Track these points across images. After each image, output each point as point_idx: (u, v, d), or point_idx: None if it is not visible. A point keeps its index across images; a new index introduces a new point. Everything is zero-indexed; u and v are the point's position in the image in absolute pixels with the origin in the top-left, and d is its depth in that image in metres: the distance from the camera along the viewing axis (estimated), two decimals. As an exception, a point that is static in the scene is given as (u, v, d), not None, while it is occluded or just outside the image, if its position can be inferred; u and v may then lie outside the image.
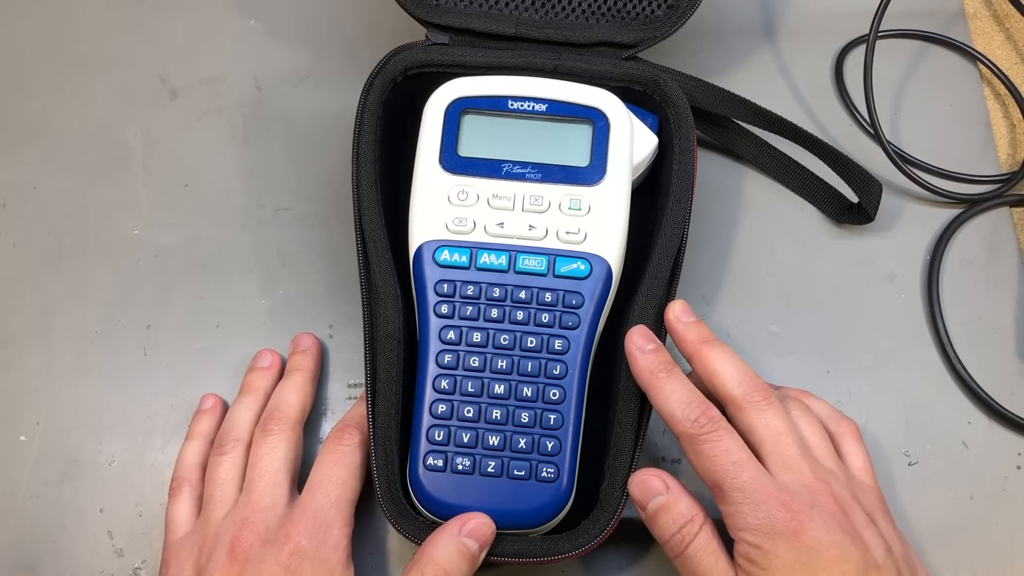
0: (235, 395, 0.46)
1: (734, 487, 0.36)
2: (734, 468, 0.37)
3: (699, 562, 0.37)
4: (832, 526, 0.36)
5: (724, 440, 0.37)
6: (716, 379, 0.39)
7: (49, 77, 0.55)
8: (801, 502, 0.36)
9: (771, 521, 0.35)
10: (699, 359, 0.40)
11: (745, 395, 0.38)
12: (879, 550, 0.36)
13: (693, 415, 0.38)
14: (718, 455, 0.37)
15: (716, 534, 0.38)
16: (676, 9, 0.47)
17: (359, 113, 0.45)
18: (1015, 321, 0.50)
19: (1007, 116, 0.56)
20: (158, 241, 0.51)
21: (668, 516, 0.38)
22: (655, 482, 0.39)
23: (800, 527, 0.35)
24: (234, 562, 0.38)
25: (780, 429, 0.38)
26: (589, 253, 0.41)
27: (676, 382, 0.39)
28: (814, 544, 0.35)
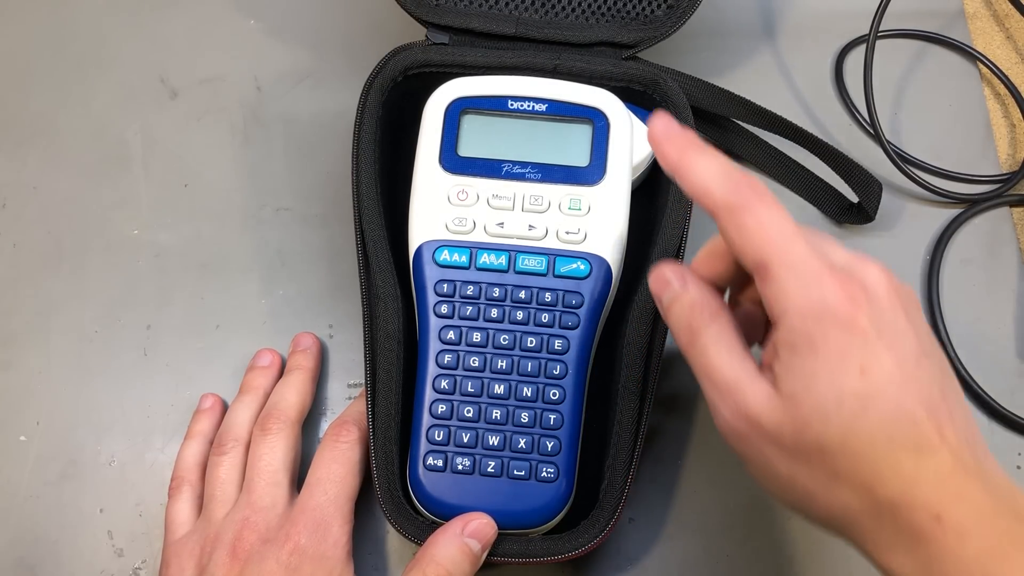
0: (235, 395, 0.46)
1: (783, 263, 0.31)
2: (784, 240, 0.31)
3: (711, 350, 0.33)
4: (886, 308, 0.31)
5: (773, 209, 0.32)
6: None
7: (49, 77, 0.55)
8: (857, 284, 0.31)
9: (825, 301, 0.30)
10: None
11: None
12: (926, 338, 0.32)
13: (734, 183, 0.32)
14: (764, 225, 0.32)
15: (733, 328, 0.33)
16: (676, 9, 0.47)
17: (359, 113, 0.45)
18: (1015, 321, 0.49)
19: (1007, 116, 0.56)
20: (158, 241, 0.51)
21: (681, 305, 0.34)
22: (670, 274, 0.35)
23: (856, 310, 0.30)
24: (235, 561, 0.38)
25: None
26: (589, 253, 0.41)
27: (711, 154, 0.33)
28: (869, 328, 0.30)
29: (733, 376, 0.32)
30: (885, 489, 0.30)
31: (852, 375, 0.30)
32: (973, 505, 0.29)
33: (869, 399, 0.30)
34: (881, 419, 0.30)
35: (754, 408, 0.31)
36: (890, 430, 0.30)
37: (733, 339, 0.33)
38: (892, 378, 0.30)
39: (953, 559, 0.29)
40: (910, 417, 0.30)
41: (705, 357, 0.33)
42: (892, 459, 0.30)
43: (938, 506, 0.29)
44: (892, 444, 0.30)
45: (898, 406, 0.30)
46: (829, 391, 0.30)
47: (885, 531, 0.30)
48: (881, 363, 0.30)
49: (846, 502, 0.31)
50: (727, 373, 0.32)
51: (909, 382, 0.31)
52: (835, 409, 0.30)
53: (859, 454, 0.30)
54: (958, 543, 0.29)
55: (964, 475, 0.30)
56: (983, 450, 0.32)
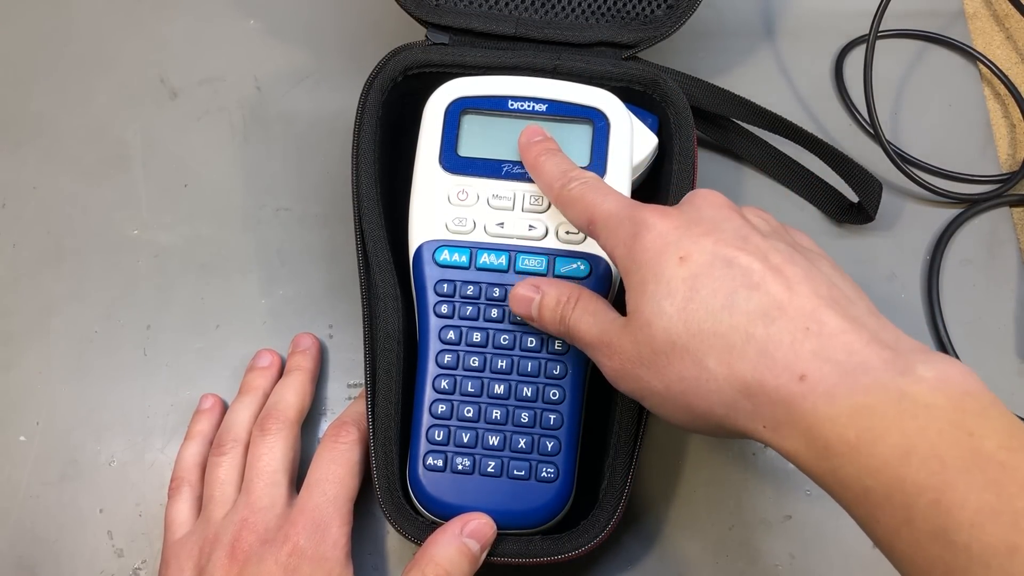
0: (235, 395, 0.46)
1: (602, 212, 0.35)
2: (600, 198, 0.36)
3: (579, 327, 0.36)
4: (703, 206, 0.34)
5: (593, 183, 0.37)
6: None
7: (49, 77, 0.55)
8: (670, 207, 0.35)
9: (635, 219, 0.34)
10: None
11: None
12: (766, 228, 0.34)
13: (567, 177, 0.38)
14: (587, 194, 0.36)
15: (594, 298, 0.37)
16: (676, 9, 0.47)
17: (359, 113, 0.45)
18: (1015, 321, 0.49)
19: (1007, 116, 0.56)
20: (158, 241, 0.51)
21: (547, 306, 0.37)
22: (523, 290, 0.38)
23: (665, 213, 0.33)
24: (234, 562, 0.38)
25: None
26: (589, 253, 0.41)
27: (557, 158, 0.40)
28: (681, 224, 0.33)
29: (598, 330, 0.35)
30: (744, 362, 0.30)
31: (673, 265, 0.32)
32: (835, 363, 0.29)
33: (695, 280, 0.31)
34: (714, 294, 0.31)
35: (616, 342, 0.34)
36: (727, 300, 0.30)
37: (596, 305, 0.36)
38: (716, 255, 0.31)
39: (828, 420, 0.28)
40: (746, 283, 0.30)
41: (576, 330, 0.36)
42: (739, 329, 0.30)
43: (800, 365, 0.29)
44: (734, 313, 0.30)
45: (728, 277, 0.31)
46: (658, 287, 0.32)
47: (763, 409, 0.30)
48: (699, 246, 0.32)
49: (718, 390, 0.31)
50: (594, 331, 0.35)
51: (736, 254, 0.31)
52: (668, 301, 0.31)
53: (706, 333, 0.30)
54: (828, 402, 0.28)
55: (822, 335, 0.29)
56: (866, 312, 0.31)
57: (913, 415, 0.27)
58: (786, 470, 0.46)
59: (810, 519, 0.45)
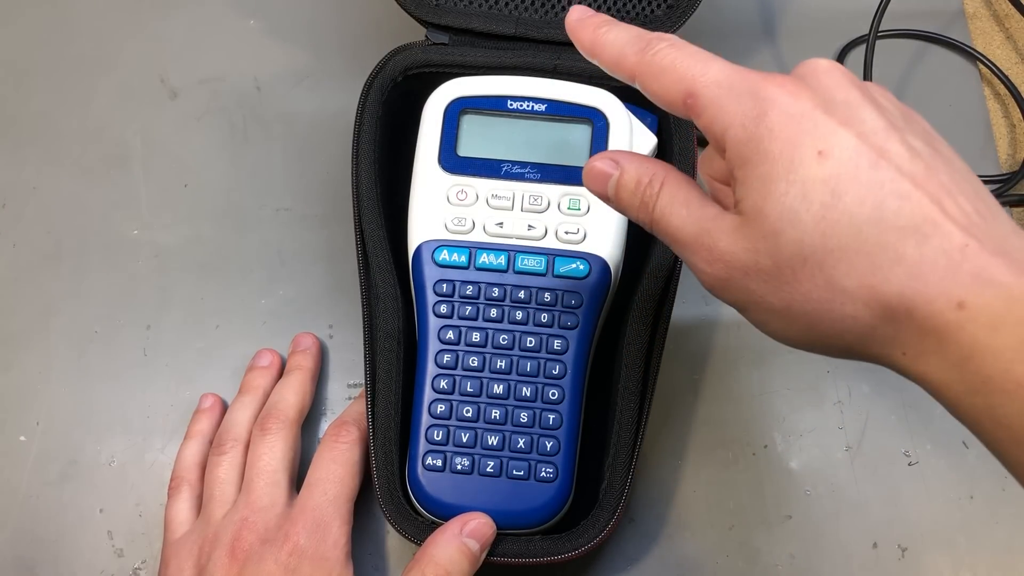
0: (235, 395, 0.46)
1: (707, 81, 0.29)
2: (699, 64, 0.29)
3: (671, 214, 0.31)
4: (835, 89, 0.28)
5: (684, 47, 0.30)
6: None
7: (49, 77, 0.55)
8: (792, 75, 0.29)
9: (758, 92, 0.28)
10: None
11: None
12: (897, 116, 0.29)
13: (643, 41, 0.31)
14: (678, 60, 0.30)
15: (685, 184, 0.31)
16: (676, 9, 0.47)
17: (359, 113, 0.45)
18: (1015, 321, 0.49)
19: (1007, 116, 0.56)
20: (158, 241, 0.51)
21: (626, 187, 0.32)
22: (602, 164, 0.33)
23: (796, 90, 0.28)
24: (234, 562, 0.38)
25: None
26: (588, 253, 0.41)
27: (621, 27, 0.32)
28: (816, 106, 0.28)
29: (696, 227, 0.30)
30: (890, 285, 0.26)
31: (810, 163, 0.27)
32: (1001, 286, 0.25)
33: (838, 182, 0.26)
34: (859, 202, 0.26)
35: (724, 246, 0.29)
36: (874, 212, 0.26)
37: (688, 192, 0.31)
38: (859, 152, 0.27)
39: (990, 353, 0.24)
40: (896, 191, 0.26)
41: (665, 223, 0.31)
42: (887, 247, 0.26)
43: (958, 291, 0.25)
44: (882, 228, 0.26)
45: (876, 182, 0.26)
46: (790, 188, 0.27)
47: (907, 336, 0.26)
48: (840, 140, 0.27)
49: (853, 315, 0.27)
50: (690, 227, 0.30)
51: (882, 154, 0.27)
52: (803, 206, 0.27)
53: (847, 250, 0.26)
54: (990, 333, 0.24)
55: (982, 251, 0.25)
56: (1006, 224, 0.27)
57: None
58: (786, 470, 0.46)
59: (810, 519, 0.45)
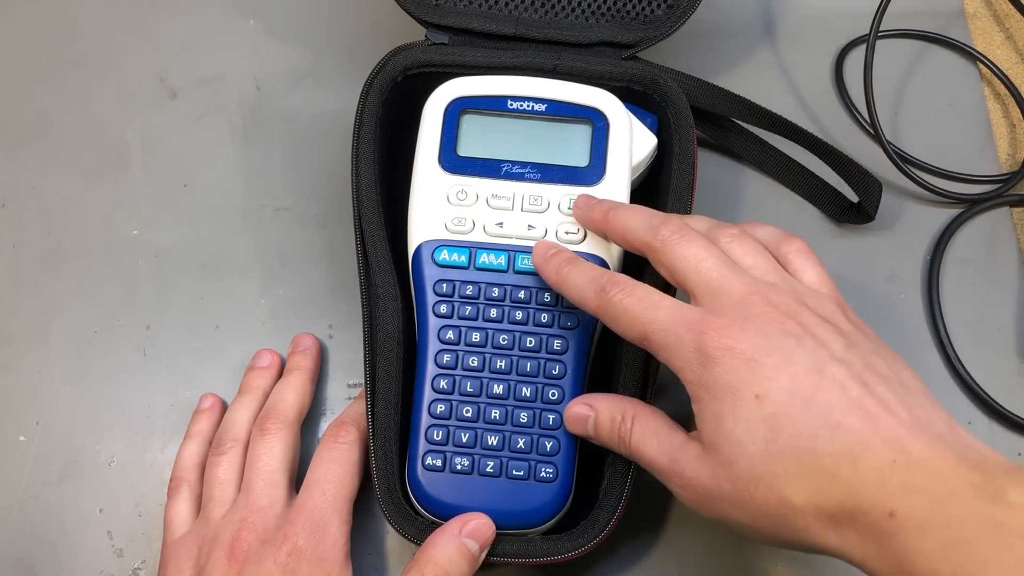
0: (234, 395, 0.46)
1: (656, 329, 0.33)
2: (649, 311, 0.34)
3: (644, 446, 0.35)
4: (770, 331, 0.32)
5: (633, 291, 0.35)
6: (628, 234, 0.37)
7: (49, 77, 0.55)
8: (727, 318, 0.32)
9: (700, 347, 0.32)
10: (610, 227, 0.38)
11: (656, 235, 0.36)
12: (837, 345, 0.32)
13: (599, 285, 0.36)
14: (629, 305, 0.34)
15: (654, 414, 0.36)
16: (676, 9, 0.47)
17: (359, 113, 0.45)
18: (1015, 321, 0.49)
19: (1007, 116, 0.56)
20: (157, 241, 0.51)
21: (602, 427, 0.37)
22: (578, 408, 0.38)
23: (732, 341, 0.32)
24: (233, 562, 0.38)
25: (698, 256, 0.35)
26: (588, 253, 0.41)
27: (580, 267, 0.37)
28: (751, 355, 0.31)
29: (666, 457, 0.34)
30: (832, 501, 0.29)
31: (750, 404, 0.31)
32: (925, 494, 0.28)
33: (775, 420, 0.30)
34: (796, 435, 0.30)
35: (691, 474, 0.33)
36: (810, 443, 0.30)
37: (657, 424, 0.36)
38: (792, 394, 0.31)
39: (920, 555, 0.27)
40: (827, 424, 0.30)
41: (641, 454, 0.36)
42: (825, 470, 0.30)
43: (889, 502, 0.28)
44: (818, 455, 0.30)
45: (808, 417, 0.30)
46: (735, 425, 0.31)
47: (853, 540, 0.29)
48: (775, 384, 0.31)
49: (805, 526, 0.30)
50: (661, 457, 0.35)
51: (814, 392, 0.31)
52: (749, 440, 0.31)
53: (791, 474, 0.30)
54: (919, 538, 0.27)
55: (908, 464, 0.29)
56: (942, 424, 0.31)
57: (1010, 546, 0.26)
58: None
59: (810, 519, 0.45)
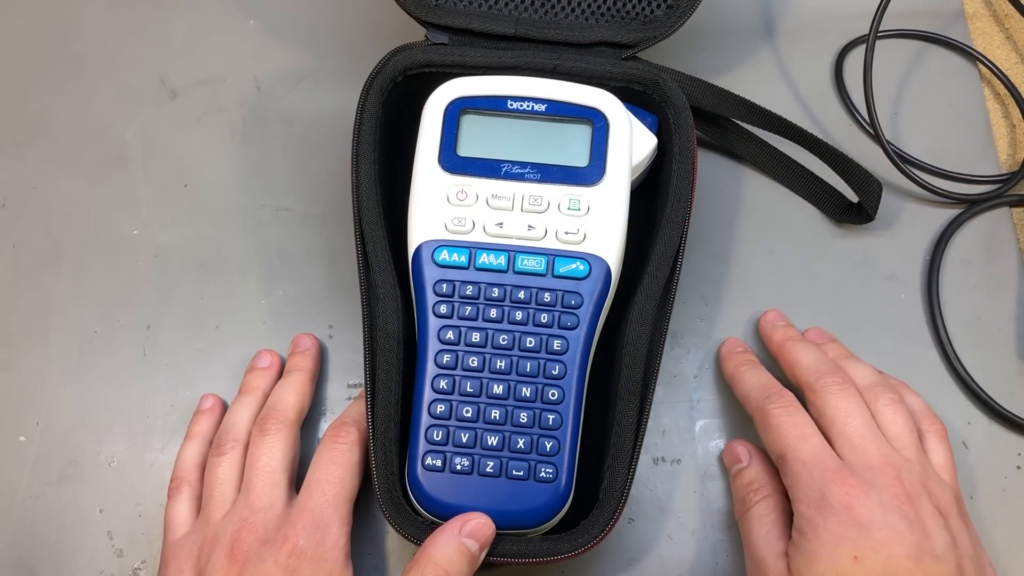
0: (235, 395, 0.46)
1: (796, 458, 0.37)
2: (797, 440, 0.38)
3: (753, 527, 0.39)
4: (890, 507, 0.35)
5: (793, 415, 0.39)
6: (796, 368, 0.41)
7: (49, 77, 0.55)
8: (859, 479, 0.36)
9: (825, 493, 0.36)
10: (782, 354, 0.43)
11: (820, 379, 0.40)
12: (941, 541, 0.35)
13: (767, 393, 0.41)
14: (783, 426, 0.39)
15: (781, 508, 0.39)
16: (676, 9, 0.47)
17: (359, 113, 0.45)
18: (1015, 321, 0.49)
19: (1007, 116, 0.56)
20: (158, 241, 0.51)
21: (741, 480, 0.41)
22: (740, 450, 0.42)
23: (853, 502, 0.35)
24: (233, 563, 0.38)
25: (849, 411, 0.39)
26: (588, 253, 0.41)
27: (758, 371, 0.43)
28: (866, 522, 0.35)
29: (762, 552, 0.38)
30: None
31: (846, 561, 0.34)
32: None
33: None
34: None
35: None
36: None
37: (775, 518, 0.39)
38: (885, 571, 0.34)
39: None
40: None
41: (747, 530, 0.39)
42: None
43: None
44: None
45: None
46: (826, 572, 0.34)
47: None
48: (874, 556, 0.34)
49: None
50: (760, 549, 0.38)
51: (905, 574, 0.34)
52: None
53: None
54: None
55: None
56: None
57: None
58: (786, 470, 0.46)
59: (810, 519, 0.45)
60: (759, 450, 0.42)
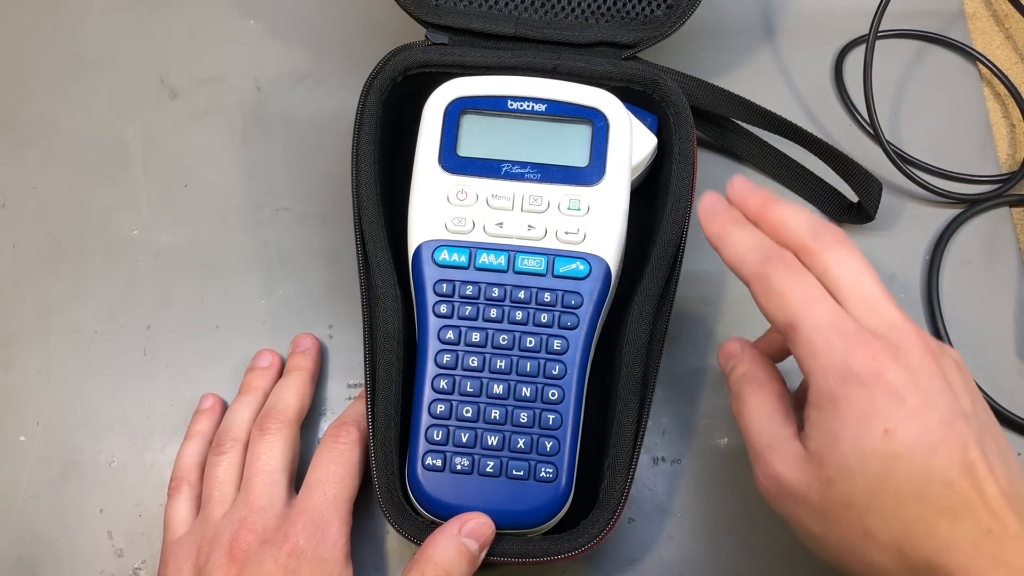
0: (235, 395, 0.46)
1: (809, 325, 0.32)
2: (809, 304, 0.33)
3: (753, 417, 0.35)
4: (919, 371, 0.31)
5: (800, 276, 0.33)
6: (785, 230, 0.35)
7: (49, 77, 0.55)
8: (885, 343, 0.32)
9: (848, 362, 0.31)
10: (765, 218, 0.36)
11: (816, 237, 0.34)
12: (966, 399, 0.32)
13: (765, 254, 0.34)
14: (790, 290, 0.33)
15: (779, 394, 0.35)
16: (676, 9, 0.47)
17: (359, 113, 0.45)
18: (1015, 321, 0.49)
19: (1007, 116, 0.56)
20: (158, 241, 0.51)
21: (735, 375, 0.37)
22: (733, 346, 0.38)
23: (882, 369, 0.31)
24: (233, 562, 0.38)
25: (859, 267, 0.34)
26: (588, 253, 0.41)
27: (748, 229, 0.36)
28: (895, 389, 0.31)
29: (766, 439, 0.34)
30: (918, 551, 0.30)
31: (875, 436, 0.30)
32: (1012, 570, 0.29)
33: (894, 460, 0.30)
34: (909, 480, 0.30)
35: (781, 469, 0.33)
36: (919, 491, 0.30)
37: (774, 405, 0.35)
38: (920, 439, 0.30)
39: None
40: (942, 478, 0.30)
41: (744, 420, 0.35)
42: (924, 520, 0.30)
43: (974, 568, 0.29)
44: (923, 505, 0.30)
45: (927, 467, 0.30)
46: (852, 451, 0.31)
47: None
48: (908, 425, 0.30)
49: (879, 562, 0.31)
50: (761, 437, 0.34)
51: (940, 443, 0.30)
52: (859, 468, 0.31)
53: (887, 513, 0.30)
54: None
55: (1003, 537, 0.29)
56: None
57: None
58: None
59: (810, 519, 0.45)
60: (751, 344, 0.38)
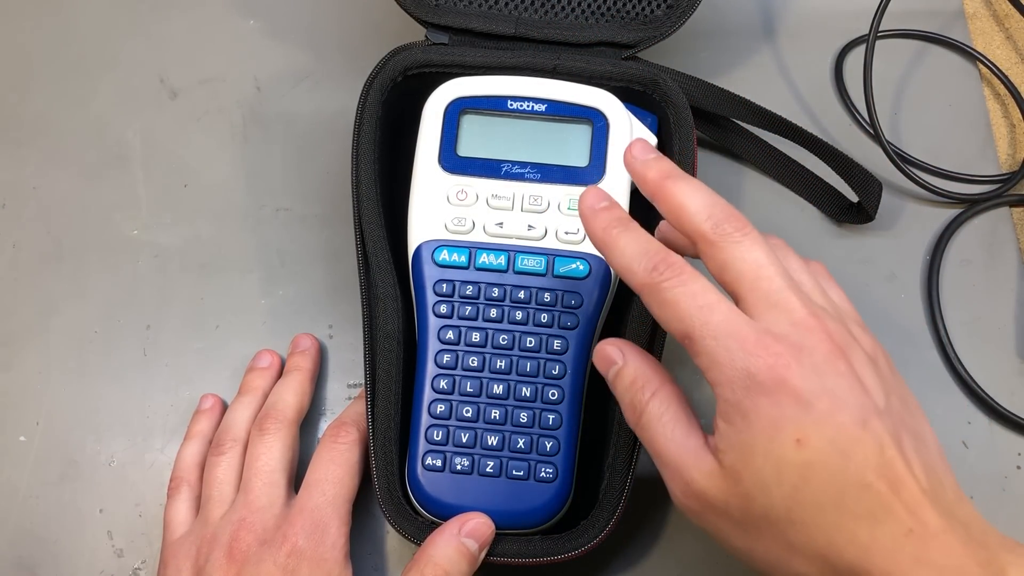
0: (234, 395, 0.46)
1: (705, 334, 0.30)
2: (702, 311, 0.31)
3: (654, 429, 0.33)
4: (825, 371, 0.30)
5: (689, 284, 0.31)
6: (682, 215, 0.32)
7: (49, 77, 0.55)
8: (787, 344, 0.30)
9: (749, 369, 0.29)
10: (663, 196, 0.33)
11: (716, 227, 0.32)
12: (879, 392, 0.31)
13: (651, 263, 0.32)
14: (682, 299, 0.31)
15: (676, 398, 0.33)
16: (676, 9, 0.47)
17: (359, 113, 0.45)
18: (1015, 321, 0.49)
19: (1007, 116, 0.56)
20: (158, 241, 0.51)
21: (623, 382, 0.34)
22: (610, 350, 0.35)
23: (786, 373, 0.29)
24: (232, 563, 0.38)
25: (760, 261, 0.31)
26: (588, 253, 0.41)
27: (632, 234, 0.33)
28: (802, 394, 0.29)
29: (677, 454, 0.32)
30: (842, 559, 0.29)
31: (788, 446, 0.29)
32: (934, 569, 0.28)
33: (809, 469, 0.29)
34: (826, 488, 0.29)
35: (700, 485, 0.31)
36: (837, 498, 0.29)
37: (677, 413, 0.33)
38: (833, 445, 0.29)
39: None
40: (858, 482, 0.29)
41: (649, 435, 0.33)
42: (844, 528, 0.29)
43: (897, 572, 0.28)
44: (841, 512, 0.29)
45: (842, 473, 0.29)
46: (766, 464, 0.29)
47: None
48: (819, 432, 0.29)
49: (805, 572, 0.30)
50: (672, 451, 0.32)
51: (854, 447, 0.29)
52: (775, 482, 0.29)
53: (808, 524, 0.29)
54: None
55: (924, 536, 0.28)
56: (951, 491, 0.31)
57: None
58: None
59: (810, 519, 0.45)
60: (630, 344, 0.35)
